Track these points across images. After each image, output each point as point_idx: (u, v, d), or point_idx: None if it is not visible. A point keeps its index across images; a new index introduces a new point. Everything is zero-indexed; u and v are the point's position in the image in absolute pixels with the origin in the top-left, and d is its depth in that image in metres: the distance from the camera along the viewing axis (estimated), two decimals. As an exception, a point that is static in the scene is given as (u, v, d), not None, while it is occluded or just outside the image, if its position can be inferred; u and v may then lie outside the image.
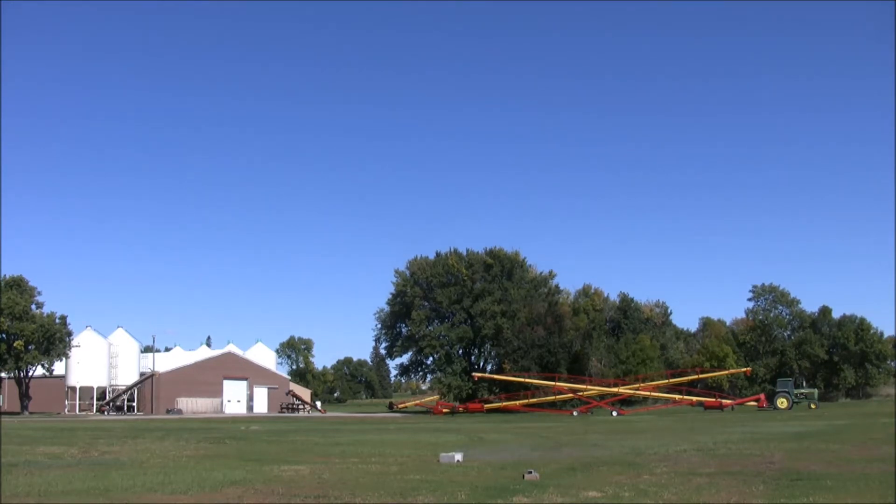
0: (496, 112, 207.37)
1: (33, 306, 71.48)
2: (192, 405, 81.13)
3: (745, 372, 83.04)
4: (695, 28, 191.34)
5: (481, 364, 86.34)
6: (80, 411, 77.51)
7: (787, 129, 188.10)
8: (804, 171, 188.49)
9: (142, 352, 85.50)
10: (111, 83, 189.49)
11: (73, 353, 74.47)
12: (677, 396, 72.18)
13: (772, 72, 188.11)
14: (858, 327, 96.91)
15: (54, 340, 70.96)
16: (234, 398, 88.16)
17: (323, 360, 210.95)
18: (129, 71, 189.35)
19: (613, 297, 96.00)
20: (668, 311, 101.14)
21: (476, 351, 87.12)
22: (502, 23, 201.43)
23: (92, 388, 78.71)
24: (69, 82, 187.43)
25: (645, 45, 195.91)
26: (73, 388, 79.03)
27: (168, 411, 77.05)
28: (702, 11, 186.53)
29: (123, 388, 79.54)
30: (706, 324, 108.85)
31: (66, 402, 79.21)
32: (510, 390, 76.51)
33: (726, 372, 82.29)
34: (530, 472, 14.98)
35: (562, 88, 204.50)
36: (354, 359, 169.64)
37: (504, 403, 74.21)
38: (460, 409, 73.81)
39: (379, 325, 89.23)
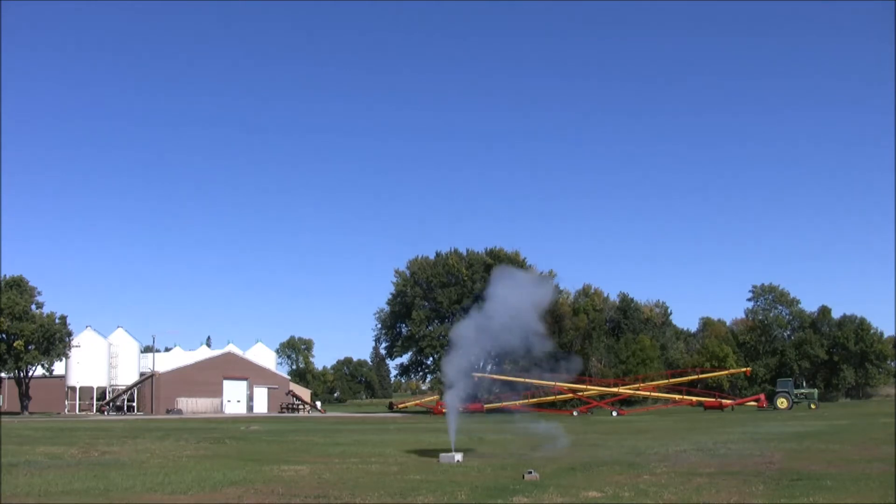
0: (497, 111, 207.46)
1: (33, 306, 71.45)
2: (192, 405, 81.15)
3: (745, 372, 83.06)
4: (693, 28, 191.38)
5: (481, 364, 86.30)
6: (80, 411, 77.51)
7: (787, 128, 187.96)
8: (804, 170, 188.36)
9: (142, 352, 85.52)
10: (111, 83, 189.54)
11: (73, 353, 74.46)
12: (677, 396, 72.24)
13: (771, 71, 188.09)
14: (858, 327, 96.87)
15: (54, 340, 70.94)
16: (234, 398, 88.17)
17: (323, 360, 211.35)
18: (128, 71, 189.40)
19: (613, 297, 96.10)
20: (668, 311, 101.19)
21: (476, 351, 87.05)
22: (503, 22, 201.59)
23: (92, 388, 78.72)
24: (69, 82, 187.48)
25: (643, 45, 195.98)
26: (73, 388, 79.03)
27: (168, 411, 77.07)
28: (702, 11, 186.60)
29: (123, 388, 79.55)
30: (706, 324, 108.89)
31: (66, 402, 79.21)
32: (510, 390, 76.47)
33: (726, 372, 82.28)
34: (530, 472, 14.99)
35: (563, 88, 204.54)
36: (354, 359, 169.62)
37: (504, 403, 74.21)
38: (460, 409, 73.73)
39: (379, 325, 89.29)
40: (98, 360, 78.26)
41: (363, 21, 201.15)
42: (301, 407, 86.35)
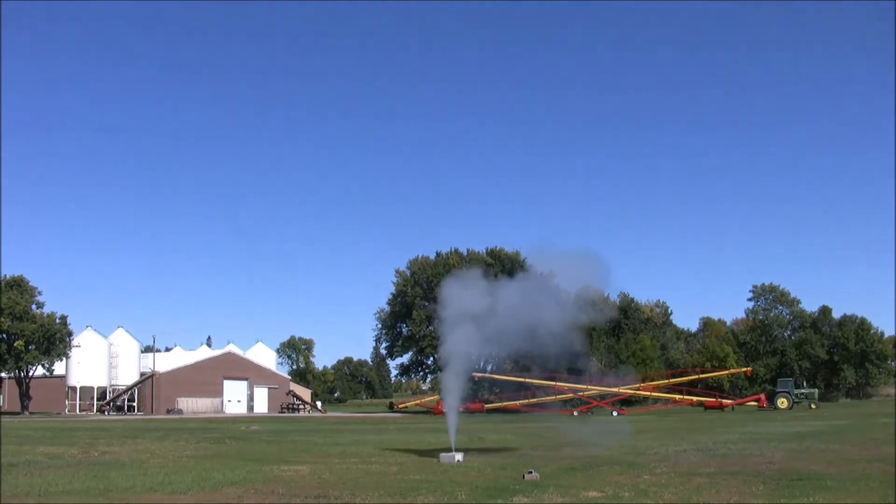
0: (497, 111, 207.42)
1: (33, 306, 71.50)
2: (193, 405, 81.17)
3: (745, 372, 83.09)
4: (691, 29, 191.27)
5: (481, 364, 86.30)
6: (80, 411, 77.57)
7: (787, 128, 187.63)
8: (804, 170, 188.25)
9: (142, 352, 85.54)
10: (111, 83, 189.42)
11: (74, 353, 74.50)
12: (677, 396, 72.24)
13: (771, 71, 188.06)
14: (859, 327, 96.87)
15: (54, 340, 70.99)
16: (235, 398, 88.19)
17: (323, 360, 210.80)
18: (128, 70, 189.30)
19: (613, 297, 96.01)
20: (669, 311, 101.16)
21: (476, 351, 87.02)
22: (503, 22, 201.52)
23: (92, 388, 78.79)
24: (69, 82, 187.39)
25: (642, 45, 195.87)
26: (74, 388, 79.10)
27: (168, 411, 77.10)
28: (703, 12, 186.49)
29: (124, 388, 79.60)
30: (706, 324, 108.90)
31: (67, 402, 79.26)
32: (510, 390, 76.51)
33: (726, 372, 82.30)
34: (530, 472, 14.99)
35: (563, 89, 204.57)
36: (355, 359, 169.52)
37: (504, 403, 74.23)
38: (460, 409, 73.72)
39: (379, 325, 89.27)
40: (98, 360, 78.32)
41: (365, 21, 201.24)
42: (301, 407, 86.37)
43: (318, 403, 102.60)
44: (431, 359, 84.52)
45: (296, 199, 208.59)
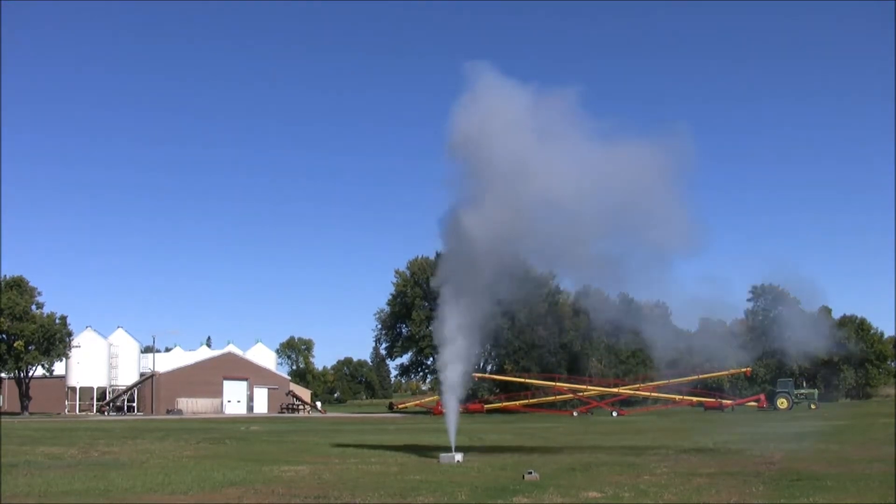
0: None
1: (33, 307, 71.42)
2: (192, 405, 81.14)
3: (744, 372, 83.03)
4: (696, 22, 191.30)
5: (481, 364, 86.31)
6: (80, 411, 77.55)
7: (787, 127, 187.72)
8: (804, 170, 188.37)
9: (142, 352, 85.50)
10: (110, 82, 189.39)
11: (73, 353, 74.45)
12: (677, 397, 72.25)
13: (770, 69, 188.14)
14: (859, 327, 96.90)
15: (54, 341, 70.93)
16: (235, 398, 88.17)
17: (323, 360, 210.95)
18: (128, 69, 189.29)
19: (613, 297, 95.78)
20: (669, 311, 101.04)
21: (476, 351, 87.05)
22: (503, 20, 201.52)
23: (92, 388, 78.76)
24: (68, 82, 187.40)
25: (643, 39, 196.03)
26: (74, 389, 79.07)
27: (168, 412, 77.07)
28: (704, 8, 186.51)
29: (123, 388, 79.59)
30: (706, 324, 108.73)
31: (66, 403, 79.22)
32: (510, 390, 76.53)
33: (726, 372, 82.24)
34: (530, 473, 15.00)
35: (561, 86, 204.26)
36: (354, 359, 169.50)
37: (504, 404, 74.24)
38: (460, 409, 73.67)
39: (379, 326, 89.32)
40: (98, 360, 78.29)
41: (366, 16, 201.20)
42: (301, 407, 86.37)
43: (318, 404, 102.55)
44: (431, 359, 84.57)
45: (296, 199, 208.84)
